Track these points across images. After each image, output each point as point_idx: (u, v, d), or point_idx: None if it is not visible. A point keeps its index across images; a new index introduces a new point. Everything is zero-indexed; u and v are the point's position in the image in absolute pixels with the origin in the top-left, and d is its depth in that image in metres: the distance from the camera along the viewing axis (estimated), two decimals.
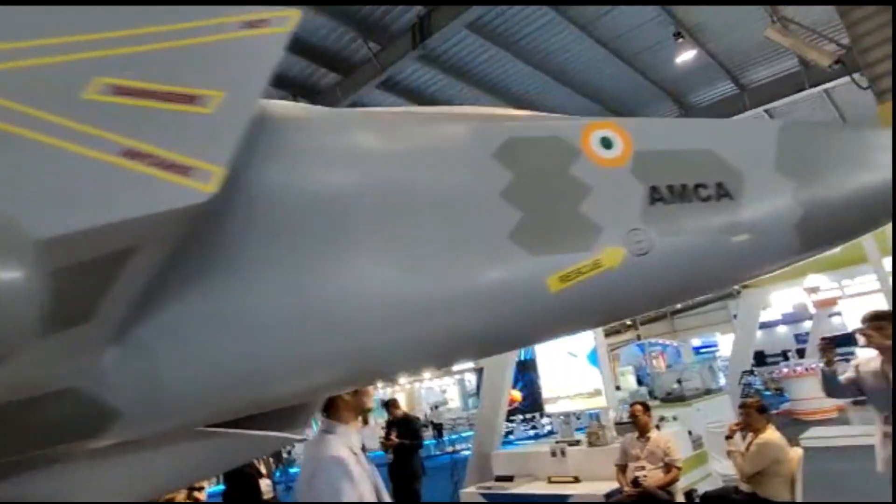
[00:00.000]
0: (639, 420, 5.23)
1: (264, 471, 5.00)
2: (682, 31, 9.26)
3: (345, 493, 1.69)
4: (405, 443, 7.16)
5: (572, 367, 6.80)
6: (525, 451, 7.63)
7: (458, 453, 10.72)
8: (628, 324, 21.23)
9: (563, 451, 6.14)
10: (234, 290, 1.05)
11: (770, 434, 4.31)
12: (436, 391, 23.83)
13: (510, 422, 15.52)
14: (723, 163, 1.43)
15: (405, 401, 20.84)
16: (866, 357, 3.65)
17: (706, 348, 25.03)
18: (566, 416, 7.00)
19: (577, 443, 6.31)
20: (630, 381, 15.59)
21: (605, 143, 1.40)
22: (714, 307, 23.02)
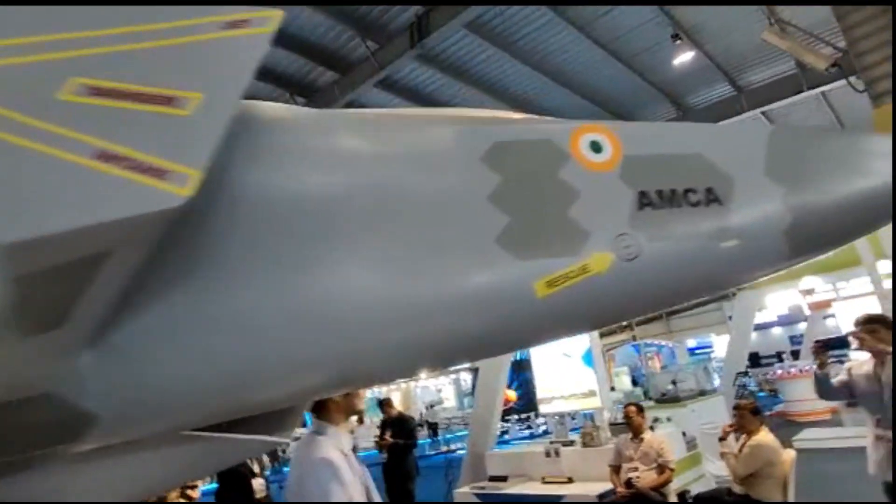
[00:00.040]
0: (633, 421, 5.25)
1: (257, 470, 4.97)
2: (680, 32, 9.28)
3: (334, 496, 1.68)
4: (399, 442, 7.16)
5: (567, 367, 6.81)
6: (519, 451, 7.64)
7: (453, 453, 10.72)
8: (624, 324, 21.27)
9: (558, 452, 6.15)
10: (216, 293, 1.04)
11: (763, 436, 4.32)
12: (431, 390, 23.81)
13: (505, 421, 15.53)
14: (712, 168, 1.43)
15: (401, 400, 20.82)
16: (859, 360, 3.66)
17: (701, 349, 25.10)
18: (560, 417, 7.01)
19: (571, 443, 6.31)
20: (625, 382, 15.59)
21: (595, 147, 1.40)
22: (709, 308, 23.07)
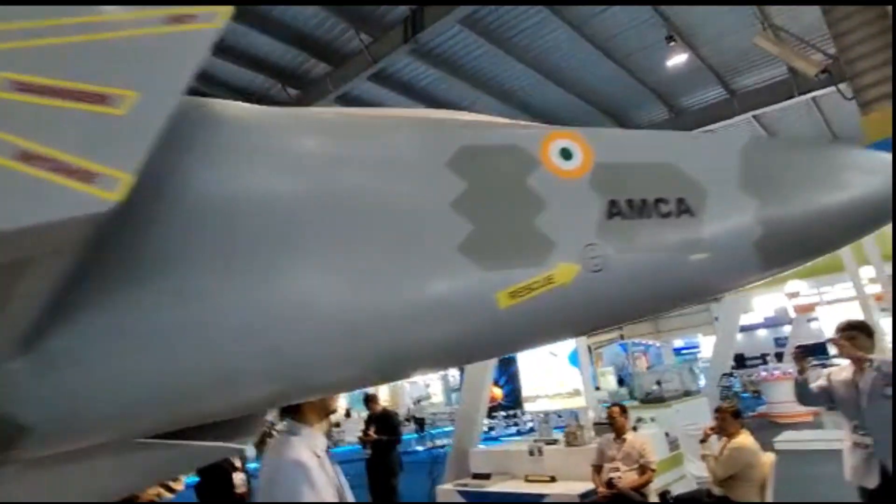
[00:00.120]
0: (616, 422, 5.27)
1: (238, 464, 4.94)
2: (674, 34, 9.28)
3: (304, 498, 1.66)
4: (383, 438, 7.16)
5: (553, 366, 6.84)
6: (503, 449, 7.67)
7: (439, 449, 10.73)
8: None
9: (541, 451, 6.17)
10: (156, 300, 0.99)
11: (743, 439, 4.35)
12: (420, 385, 23.85)
13: (492, 418, 15.58)
14: (685, 178, 1.40)
15: (388, 395, 20.83)
16: (839, 367, 3.69)
17: (688, 349, 25.34)
18: (545, 415, 7.04)
19: (554, 442, 6.34)
20: (610, 382, 15.71)
21: (565, 154, 1.36)
22: (697, 309, 23.23)
